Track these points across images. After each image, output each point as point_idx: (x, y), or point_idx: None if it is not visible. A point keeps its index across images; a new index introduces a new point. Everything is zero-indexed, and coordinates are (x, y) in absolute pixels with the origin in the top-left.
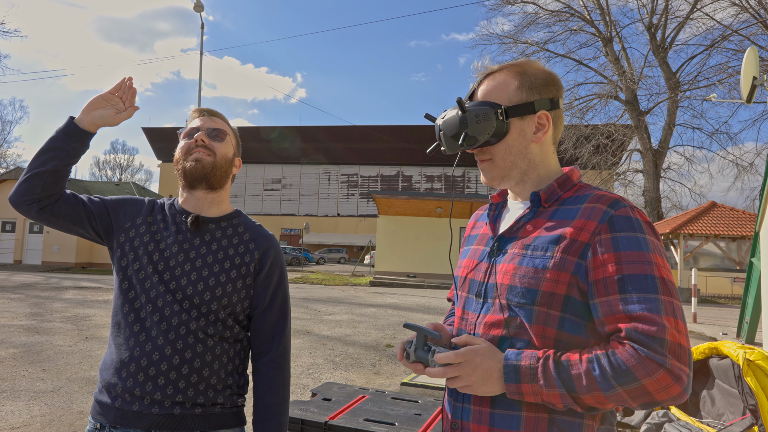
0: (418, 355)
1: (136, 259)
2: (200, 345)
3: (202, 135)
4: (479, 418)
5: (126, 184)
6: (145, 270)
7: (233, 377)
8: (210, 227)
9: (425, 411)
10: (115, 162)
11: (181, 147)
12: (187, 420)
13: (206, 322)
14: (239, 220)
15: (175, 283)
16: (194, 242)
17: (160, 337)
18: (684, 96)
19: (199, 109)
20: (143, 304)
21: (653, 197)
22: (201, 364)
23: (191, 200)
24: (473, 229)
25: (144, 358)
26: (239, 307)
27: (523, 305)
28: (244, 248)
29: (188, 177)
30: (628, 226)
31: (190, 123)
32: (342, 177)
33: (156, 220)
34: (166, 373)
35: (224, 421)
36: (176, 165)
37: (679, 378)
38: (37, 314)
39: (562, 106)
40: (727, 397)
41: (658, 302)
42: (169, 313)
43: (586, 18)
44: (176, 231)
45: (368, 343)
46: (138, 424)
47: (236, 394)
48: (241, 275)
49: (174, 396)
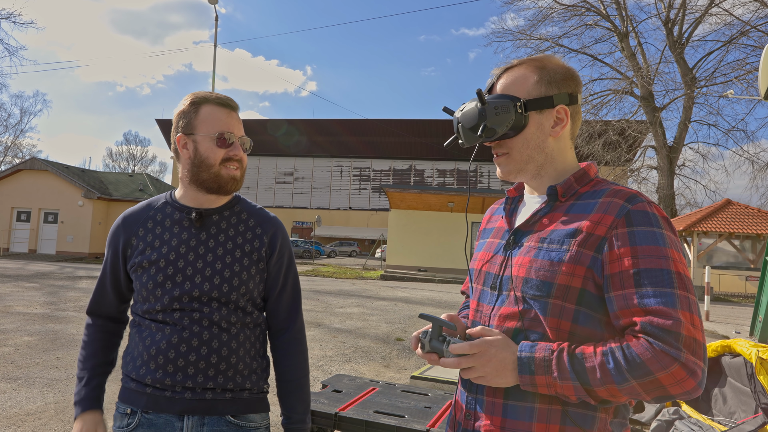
0: (433, 345)
1: (144, 272)
2: (225, 334)
3: (240, 151)
4: (492, 409)
5: (139, 175)
6: (154, 279)
7: (257, 361)
8: (214, 219)
9: (435, 404)
10: (128, 153)
11: (211, 150)
12: (218, 404)
13: (228, 311)
14: (241, 206)
15: (190, 284)
16: (201, 237)
17: (185, 330)
18: (700, 92)
19: (225, 100)
20: (160, 310)
21: (667, 194)
22: (228, 351)
23: (199, 198)
24: (489, 223)
25: (171, 351)
26: (256, 292)
27: (538, 298)
28: (252, 234)
29: (219, 187)
30: (645, 221)
31: (215, 116)
32: (354, 170)
33: (155, 224)
34: (195, 364)
35: (252, 406)
36: (203, 166)
37: (694, 372)
38: (51, 303)
39: (580, 101)
40: (739, 396)
41: (674, 296)
42: (188, 311)
43: (602, 13)
44: (180, 230)
45: (379, 336)
46: (171, 409)
47: (261, 379)
48: (254, 261)
49: (205, 383)
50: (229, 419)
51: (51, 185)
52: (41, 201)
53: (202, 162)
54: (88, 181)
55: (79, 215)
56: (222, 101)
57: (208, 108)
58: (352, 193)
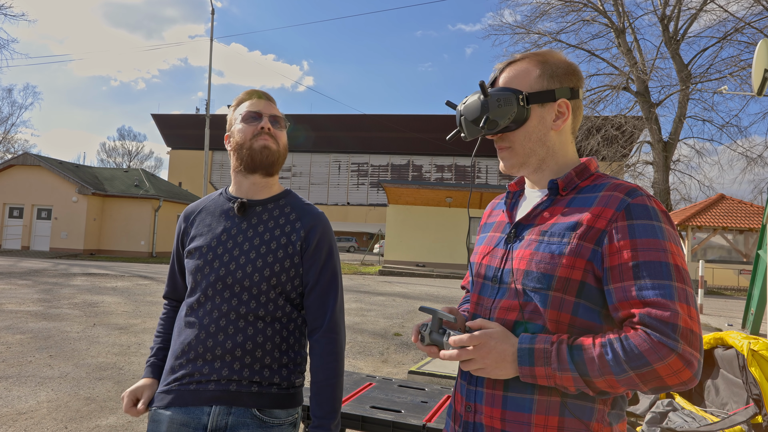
0: (433, 338)
1: (191, 258)
2: (251, 328)
3: (267, 123)
4: (492, 401)
5: (135, 170)
6: (196, 265)
7: (288, 356)
8: (257, 210)
9: (432, 399)
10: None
11: (241, 130)
12: (243, 396)
13: (257, 304)
14: (286, 201)
15: (225, 270)
16: (242, 227)
17: (212, 324)
18: (695, 88)
19: (256, 92)
20: (197, 298)
21: (662, 189)
22: (253, 345)
23: (245, 185)
24: (490, 217)
25: (200, 346)
26: (289, 286)
27: (539, 290)
28: (291, 228)
29: (255, 161)
30: (645, 214)
31: (245, 105)
32: (352, 166)
33: (207, 214)
34: (221, 357)
35: (280, 401)
36: (239, 147)
37: (690, 363)
38: (45, 300)
39: (581, 96)
40: (732, 387)
41: (672, 289)
42: (220, 300)
43: (599, 8)
44: (225, 219)
45: (377, 331)
46: (195, 402)
47: (293, 373)
48: (288, 254)
49: (230, 375)
50: (255, 412)
51: (44, 181)
52: (34, 197)
53: (238, 144)
54: (82, 176)
55: (73, 211)
56: (249, 94)
57: (241, 105)
58: (350, 189)
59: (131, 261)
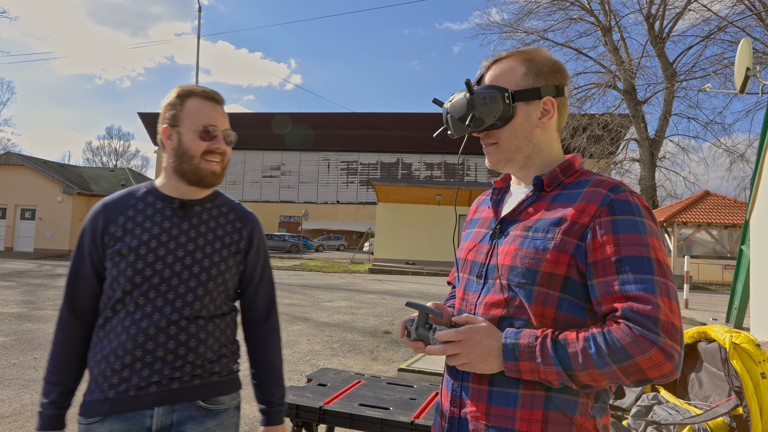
0: (420, 333)
1: (122, 260)
2: (193, 326)
3: (223, 144)
4: (477, 395)
5: (121, 170)
6: (132, 267)
7: (227, 346)
8: (196, 210)
9: (420, 395)
10: (110, 147)
11: (194, 142)
12: (186, 392)
13: (200, 305)
14: (221, 200)
15: (169, 271)
16: (183, 227)
17: (151, 327)
18: (680, 86)
19: (211, 94)
20: (134, 299)
21: (649, 186)
22: (197, 342)
23: (180, 188)
24: (475, 213)
25: (138, 349)
26: (231, 284)
27: (523, 285)
28: (232, 228)
29: (201, 181)
30: (628, 210)
31: (200, 108)
32: (341, 164)
33: (136, 212)
34: (162, 358)
35: (223, 388)
36: (185, 157)
37: (671, 356)
38: (29, 302)
39: (567, 94)
40: (714, 380)
41: (654, 283)
42: (162, 302)
43: (586, 7)
44: (162, 219)
45: (366, 329)
46: (137, 407)
47: (231, 361)
48: (232, 253)
49: (172, 374)
50: (199, 404)
51: (28, 181)
52: (18, 197)
53: (184, 153)
54: (67, 176)
55: (58, 211)
56: (207, 95)
57: (193, 101)
58: (340, 187)
59: None
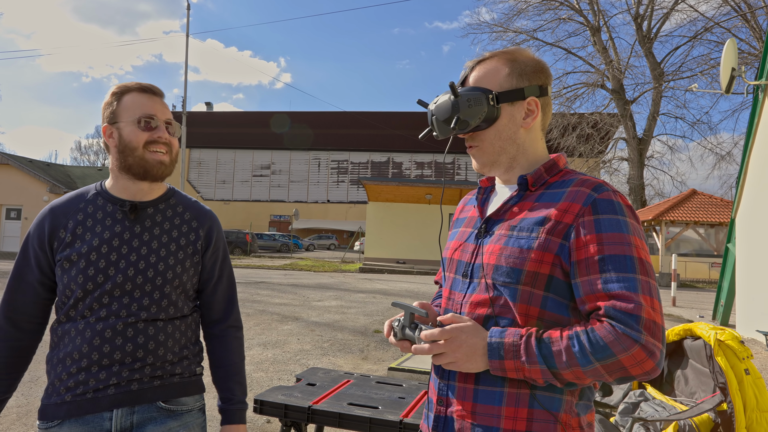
0: (405, 333)
1: (72, 266)
2: (152, 328)
3: (165, 133)
4: (464, 394)
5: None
6: (84, 273)
7: (188, 348)
8: (149, 212)
9: (409, 394)
10: (98, 146)
11: (134, 133)
12: (146, 393)
13: (158, 309)
14: (176, 199)
15: (122, 276)
16: (135, 230)
17: (108, 329)
18: (668, 86)
19: (147, 86)
20: (87, 305)
21: (637, 185)
22: (155, 344)
23: (131, 188)
24: (462, 213)
25: (95, 352)
26: (189, 285)
27: (508, 284)
28: (188, 228)
29: (148, 173)
30: (610, 209)
31: (136, 101)
32: (332, 163)
33: (86, 216)
34: (120, 360)
35: (184, 389)
36: (127, 151)
37: (653, 353)
38: None
39: (550, 93)
40: (700, 376)
41: (636, 281)
42: (117, 306)
43: (575, 7)
44: (113, 223)
45: (357, 328)
46: (94, 409)
47: (193, 363)
48: (189, 255)
49: (131, 376)
50: (160, 405)
51: (13, 180)
52: (3, 196)
53: (126, 147)
54: (53, 175)
55: None
56: (143, 88)
57: (129, 96)
58: (330, 186)
59: None
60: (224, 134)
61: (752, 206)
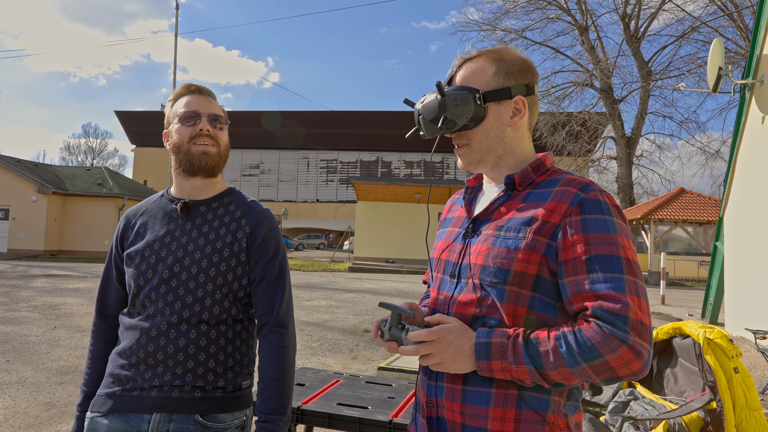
0: (393, 333)
1: (131, 262)
2: (194, 331)
3: (207, 125)
4: (452, 395)
5: (98, 168)
6: (138, 268)
7: (234, 358)
8: (201, 210)
9: (399, 394)
10: (86, 146)
11: (179, 131)
12: (185, 403)
13: (201, 307)
14: (231, 198)
15: (168, 272)
16: (186, 227)
17: (153, 328)
18: (656, 85)
19: (194, 87)
20: (140, 302)
21: (626, 183)
22: (196, 349)
23: (186, 186)
24: (449, 213)
25: (141, 350)
26: (236, 285)
27: (495, 285)
28: (236, 225)
29: (194, 166)
30: (597, 209)
31: (183, 101)
32: (321, 163)
33: (149, 216)
34: (163, 361)
35: (224, 405)
36: (176, 149)
37: (640, 354)
38: (2, 303)
39: (537, 92)
40: (689, 375)
41: (623, 282)
42: (162, 304)
43: (563, 6)
44: (167, 221)
45: (346, 328)
46: (137, 408)
47: (240, 375)
48: (234, 252)
49: (173, 380)
50: (197, 418)
51: (1, 180)
52: None
53: (175, 145)
54: (42, 175)
55: (32, 211)
56: (188, 88)
57: (179, 100)
58: (320, 186)
59: (94, 261)
60: None
61: (740, 204)
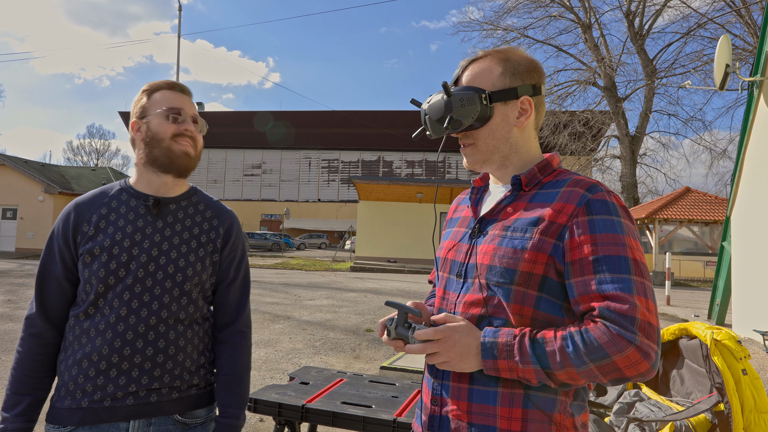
0: (399, 332)
1: (94, 260)
2: (172, 331)
3: (191, 125)
4: (458, 394)
5: (102, 168)
6: (106, 267)
7: (205, 356)
8: (171, 208)
9: (402, 393)
10: (90, 147)
11: (161, 125)
12: (164, 405)
13: (178, 307)
14: (198, 197)
15: (143, 271)
16: (157, 225)
17: (129, 331)
18: (660, 83)
19: (178, 85)
20: (108, 301)
21: (630, 183)
22: (176, 349)
23: (156, 183)
24: (455, 212)
25: (114, 355)
26: (207, 284)
27: (502, 285)
28: (209, 225)
29: (173, 164)
30: (604, 210)
31: (166, 96)
32: (323, 162)
33: (110, 211)
34: (140, 365)
35: (200, 401)
36: (154, 142)
37: (648, 355)
38: (10, 301)
39: (544, 92)
40: (696, 376)
41: (631, 282)
42: (138, 305)
43: (566, 4)
44: (135, 217)
45: (348, 327)
46: (111, 419)
47: (209, 372)
48: (208, 252)
49: (150, 384)
50: (176, 418)
51: (9, 180)
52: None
53: (153, 137)
54: (48, 175)
55: (39, 211)
56: (172, 85)
57: (159, 93)
58: (321, 185)
59: None
60: (215, 134)
61: (748, 204)
